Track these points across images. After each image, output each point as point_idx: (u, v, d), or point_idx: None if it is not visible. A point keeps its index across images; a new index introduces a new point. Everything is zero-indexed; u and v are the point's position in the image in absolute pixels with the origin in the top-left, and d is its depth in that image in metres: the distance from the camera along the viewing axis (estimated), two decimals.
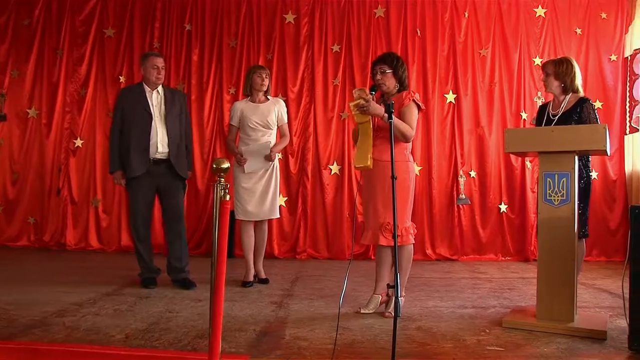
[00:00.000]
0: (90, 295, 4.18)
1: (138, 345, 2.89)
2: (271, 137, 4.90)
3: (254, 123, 4.80)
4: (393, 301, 3.62)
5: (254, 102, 4.90)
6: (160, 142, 4.59)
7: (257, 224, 4.93)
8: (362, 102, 3.59)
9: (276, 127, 4.95)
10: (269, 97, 4.99)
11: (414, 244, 3.83)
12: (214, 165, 2.48)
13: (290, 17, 7.02)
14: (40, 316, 3.48)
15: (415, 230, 3.87)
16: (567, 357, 2.80)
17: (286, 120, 5.03)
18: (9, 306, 3.72)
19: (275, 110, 4.91)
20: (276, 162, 4.94)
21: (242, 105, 4.92)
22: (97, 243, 6.99)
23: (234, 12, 7.07)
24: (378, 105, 3.62)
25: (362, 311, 3.75)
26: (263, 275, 4.96)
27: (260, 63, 6.76)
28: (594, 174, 6.68)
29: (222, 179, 2.46)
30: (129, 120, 4.59)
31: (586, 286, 4.90)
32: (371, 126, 3.68)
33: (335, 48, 6.99)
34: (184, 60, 7.07)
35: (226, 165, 2.48)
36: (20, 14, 7.25)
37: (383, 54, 3.99)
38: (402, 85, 3.85)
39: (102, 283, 4.70)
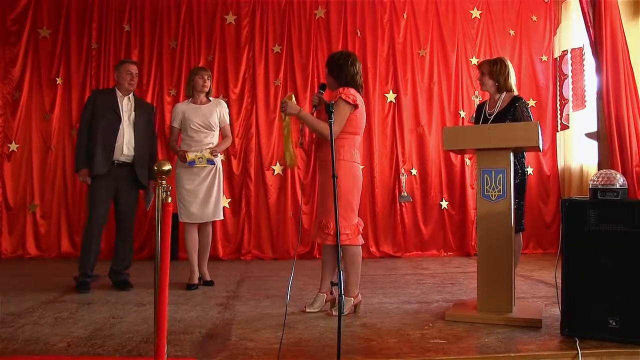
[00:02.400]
0: (29, 304, 4.05)
1: (81, 354, 2.83)
2: (214, 139, 4.89)
3: (196, 125, 4.79)
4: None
5: (195, 103, 4.89)
6: (126, 145, 4.64)
7: (201, 226, 4.91)
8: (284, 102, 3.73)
9: (218, 128, 4.94)
10: (210, 98, 5.00)
11: (361, 244, 3.81)
12: (156, 168, 2.46)
13: (230, 18, 6.99)
14: None
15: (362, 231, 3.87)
16: (506, 346, 2.91)
17: (228, 122, 5.04)
18: None
19: (217, 112, 4.91)
20: (219, 164, 4.94)
21: (183, 107, 4.90)
22: (36, 250, 6.76)
23: (174, 13, 6.98)
24: (294, 104, 3.70)
25: (308, 310, 3.78)
26: (208, 278, 4.93)
27: (201, 64, 6.71)
28: (529, 170, 6.94)
29: (164, 181, 2.45)
30: (98, 120, 4.62)
31: (524, 278, 5.08)
32: (289, 126, 3.80)
33: (277, 49, 7.00)
34: None
35: (168, 167, 2.47)
36: None
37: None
38: (343, 84, 3.78)
39: (41, 291, 4.56)
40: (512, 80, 4.10)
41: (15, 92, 6.86)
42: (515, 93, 4.09)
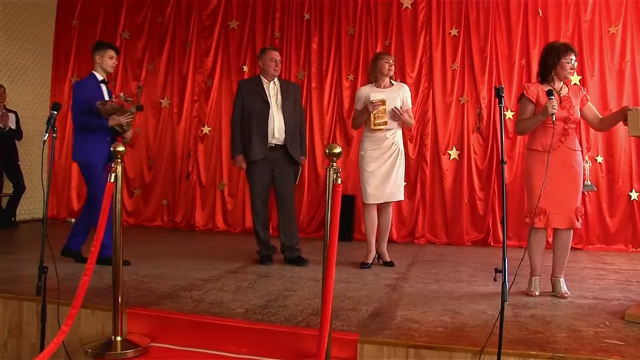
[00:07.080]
0: (215, 272, 4.47)
1: (256, 320, 3.10)
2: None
3: None
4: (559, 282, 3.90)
5: (379, 87, 4.92)
6: (277, 129, 4.88)
7: (382, 207, 4.98)
8: None
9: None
10: (393, 82, 5.00)
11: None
12: (327, 151, 2.60)
13: (407, 3, 6.97)
14: (171, 289, 3.80)
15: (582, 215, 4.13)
16: None
17: (410, 105, 5.00)
18: (145, 279, 4.11)
19: (400, 95, 4.88)
20: (401, 146, 4.95)
21: (367, 90, 4.93)
22: (223, 224, 7.38)
23: (352, 0, 7.15)
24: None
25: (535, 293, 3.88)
26: (388, 259, 5.00)
27: (378, 49, 6.84)
28: None
29: (335, 163, 2.58)
30: (249, 109, 4.91)
31: None
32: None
33: (454, 32, 6.87)
34: (304, 48, 7.26)
35: (338, 150, 2.60)
36: (154, 12, 7.82)
37: None
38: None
39: (226, 261, 5.01)
40: None
41: (208, 80, 7.55)
42: None
